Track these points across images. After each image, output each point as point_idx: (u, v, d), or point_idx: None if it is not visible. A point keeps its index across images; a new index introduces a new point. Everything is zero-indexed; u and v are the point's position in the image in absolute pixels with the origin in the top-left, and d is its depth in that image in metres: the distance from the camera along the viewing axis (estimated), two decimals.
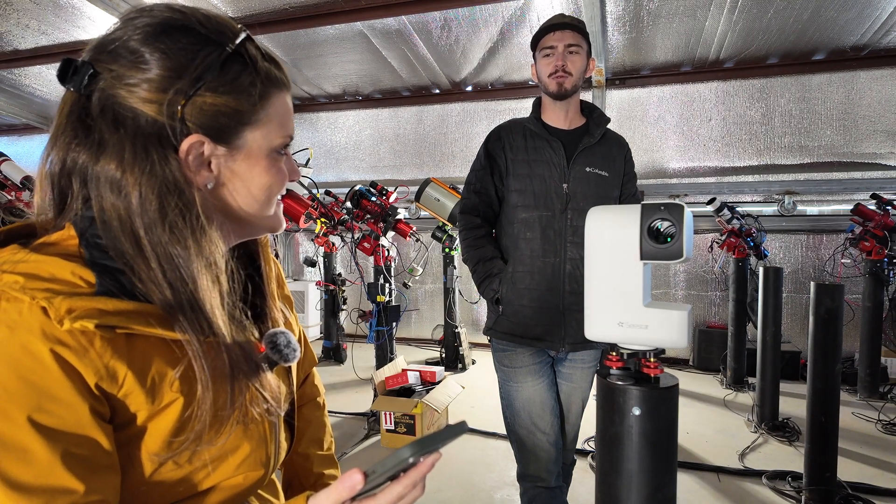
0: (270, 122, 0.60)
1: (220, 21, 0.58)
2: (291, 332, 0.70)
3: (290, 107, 0.63)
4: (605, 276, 0.94)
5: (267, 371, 0.65)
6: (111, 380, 0.51)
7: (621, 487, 0.93)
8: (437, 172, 5.35)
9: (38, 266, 0.50)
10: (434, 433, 0.50)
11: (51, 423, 0.48)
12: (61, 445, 0.48)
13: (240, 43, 0.57)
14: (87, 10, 3.85)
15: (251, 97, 0.58)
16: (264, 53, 0.60)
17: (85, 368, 0.49)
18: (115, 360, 0.51)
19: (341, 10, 3.83)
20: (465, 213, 1.74)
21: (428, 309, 5.55)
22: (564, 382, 1.72)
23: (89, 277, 0.52)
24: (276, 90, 0.61)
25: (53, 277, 0.50)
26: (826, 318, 2.23)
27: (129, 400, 0.53)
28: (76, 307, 0.48)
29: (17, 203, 3.07)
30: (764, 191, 4.65)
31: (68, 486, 0.48)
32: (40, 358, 0.48)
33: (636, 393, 0.90)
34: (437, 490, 2.47)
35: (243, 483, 0.64)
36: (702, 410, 3.51)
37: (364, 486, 0.51)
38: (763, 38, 4.11)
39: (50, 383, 0.48)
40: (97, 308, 0.49)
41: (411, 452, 0.48)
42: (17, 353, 0.47)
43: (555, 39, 1.60)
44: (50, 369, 0.48)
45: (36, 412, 0.47)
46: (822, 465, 2.24)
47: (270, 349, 0.66)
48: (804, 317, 4.49)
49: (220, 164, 0.58)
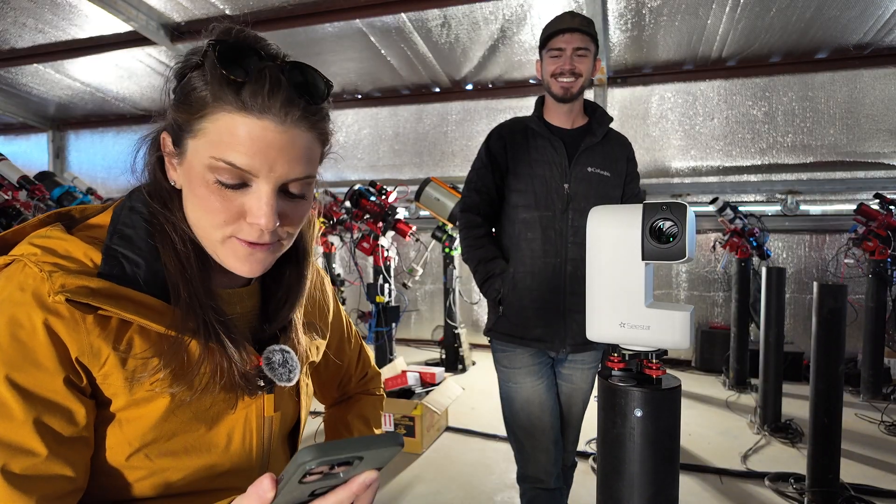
0: (205, 137, 0.56)
1: (219, 29, 0.58)
2: (296, 353, 0.69)
3: (244, 133, 0.54)
4: (607, 277, 0.93)
5: (262, 386, 0.65)
6: (93, 356, 0.54)
7: (623, 490, 0.92)
8: (437, 172, 5.34)
9: (57, 243, 0.56)
10: (350, 439, 0.45)
11: (28, 384, 0.52)
12: (35, 408, 0.51)
13: (204, 55, 0.56)
14: (84, 8, 3.84)
15: (193, 107, 0.56)
16: (225, 72, 0.54)
17: (71, 341, 0.53)
18: (101, 341, 0.55)
19: (340, 7, 3.82)
20: (465, 211, 1.72)
21: (428, 309, 5.54)
22: (565, 384, 1.70)
23: (98, 260, 0.57)
24: (224, 109, 0.55)
25: (68, 255, 0.55)
26: (829, 318, 2.21)
27: (108, 381, 0.56)
28: (68, 283, 0.52)
29: (13, 203, 3.05)
30: (767, 190, 4.63)
31: (32, 447, 0.51)
32: (33, 323, 0.52)
33: (638, 394, 0.89)
34: (437, 492, 2.45)
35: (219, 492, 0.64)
36: (704, 412, 3.49)
37: (277, 494, 0.45)
38: (766, 37, 4.09)
39: (35, 347, 0.52)
40: (85, 286, 0.53)
41: (312, 456, 0.42)
42: (17, 313, 0.52)
43: (563, 42, 1.57)
44: (38, 335, 0.52)
45: (16, 371, 0.51)
46: (825, 467, 2.22)
47: (266, 366, 0.65)
48: (807, 317, 4.47)
49: (177, 165, 0.61)
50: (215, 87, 0.55)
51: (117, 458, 0.58)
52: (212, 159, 0.55)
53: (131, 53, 4.59)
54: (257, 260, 0.61)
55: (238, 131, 0.54)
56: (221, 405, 0.63)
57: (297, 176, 0.58)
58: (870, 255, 3.69)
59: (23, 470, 0.50)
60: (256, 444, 0.67)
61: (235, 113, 0.54)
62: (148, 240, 0.59)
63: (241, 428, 0.65)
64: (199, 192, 0.57)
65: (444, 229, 4.14)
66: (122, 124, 6.40)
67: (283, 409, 0.71)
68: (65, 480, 0.53)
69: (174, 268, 0.59)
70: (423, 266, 4.69)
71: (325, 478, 0.46)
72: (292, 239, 0.64)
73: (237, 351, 0.61)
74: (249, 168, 0.55)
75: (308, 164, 0.59)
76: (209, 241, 0.60)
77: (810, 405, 2.26)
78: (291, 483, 0.44)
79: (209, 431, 0.62)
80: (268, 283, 0.72)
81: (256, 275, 0.62)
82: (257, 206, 0.57)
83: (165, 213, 0.61)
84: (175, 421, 0.59)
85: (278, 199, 0.58)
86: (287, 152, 0.56)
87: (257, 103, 0.54)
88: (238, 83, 0.54)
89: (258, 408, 0.66)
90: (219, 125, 0.55)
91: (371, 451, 0.45)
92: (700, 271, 4.78)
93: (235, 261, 0.60)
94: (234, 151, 0.55)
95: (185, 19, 4.14)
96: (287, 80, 0.56)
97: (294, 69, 0.57)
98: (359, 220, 3.35)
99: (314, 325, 0.79)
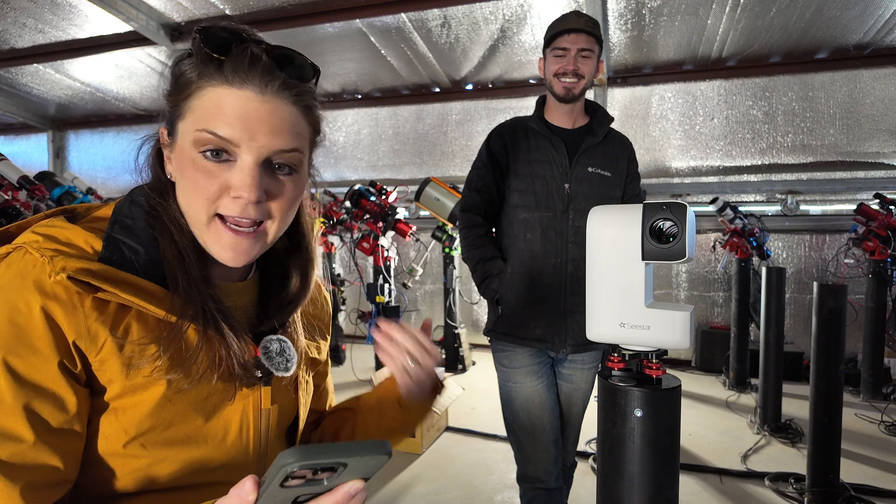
0: (192, 114, 0.58)
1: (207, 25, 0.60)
2: (294, 344, 0.69)
3: (226, 103, 0.56)
4: (607, 277, 0.93)
5: (259, 377, 0.65)
6: (91, 341, 0.54)
7: (623, 490, 0.92)
8: (437, 172, 5.34)
9: (59, 232, 0.57)
10: (335, 444, 0.43)
11: (21, 369, 0.52)
12: (25, 394, 0.51)
13: (192, 41, 0.58)
14: (84, 7, 3.84)
15: (181, 89, 0.58)
16: (209, 50, 0.56)
17: (68, 325, 0.53)
18: (99, 324, 0.54)
19: (340, 7, 3.82)
20: (465, 211, 1.71)
21: (428, 309, 5.53)
22: (564, 383, 1.70)
23: (98, 247, 0.57)
24: (210, 83, 0.57)
25: (69, 242, 0.56)
26: (829, 318, 2.21)
27: (105, 366, 0.55)
28: (68, 266, 0.53)
29: (13, 203, 3.05)
30: (767, 190, 4.63)
31: (19, 433, 0.51)
32: (31, 308, 0.52)
33: (638, 394, 0.89)
34: (437, 492, 2.45)
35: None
36: (704, 412, 3.48)
37: (259, 496, 0.44)
38: (766, 37, 4.09)
39: (31, 331, 0.52)
40: (84, 268, 0.53)
41: (294, 459, 0.40)
42: (17, 299, 0.52)
43: (568, 42, 1.57)
44: (35, 319, 0.52)
45: (11, 355, 0.51)
46: (825, 467, 2.22)
47: (263, 355, 0.65)
48: (807, 317, 4.47)
49: (170, 155, 0.62)
50: (200, 66, 0.57)
51: (112, 448, 0.57)
52: (196, 132, 0.57)
53: (131, 53, 4.59)
54: (242, 249, 0.61)
55: (221, 102, 0.56)
56: (219, 396, 0.62)
57: (281, 147, 0.59)
58: (870, 255, 3.69)
59: (9, 456, 0.50)
60: (253, 438, 0.66)
61: (219, 86, 0.57)
62: (148, 229, 0.60)
63: (237, 420, 0.64)
64: (187, 173, 0.59)
65: (444, 229, 4.14)
66: (122, 124, 6.39)
67: (281, 403, 0.70)
68: (51, 470, 0.52)
69: (172, 257, 0.60)
70: (423, 266, 4.69)
71: (309, 484, 0.44)
72: (278, 226, 0.63)
73: (235, 339, 0.61)
74: (231, 137, 0.56)
75: (292, 138, 0.59)
76: (197, 226, 0.61)
77: (810, 405, 2.26)
78: (273, 486, 0.42)
79: (206, 423, 0.61)
80: (271, 280, 0.72)
81: (241, 264, 0.62)
82: (240, 178, 0.57)
83: (163, 203, 0.62)
84: (171, 409, 0.58)
85: (263, 175, 0.58)
86: (267, 122, 0.57)
87: (238, 76, 0.56)
88: (221, 60, 0.56)
89: (255, 400, 0.66)
90: (204, 100, 0.57)
91: (356, 459, 0.43)
92: (700, 271, 4.78)
93: (220, 248, 0.60)
94: (216, 121, 0.56)
95: (185, 19, 4.14)
96: (268, 56, 0.58)
97: (278, 49, 0.59)
98: (359, 220, 3.35)
99: (315, 326, 0.79)
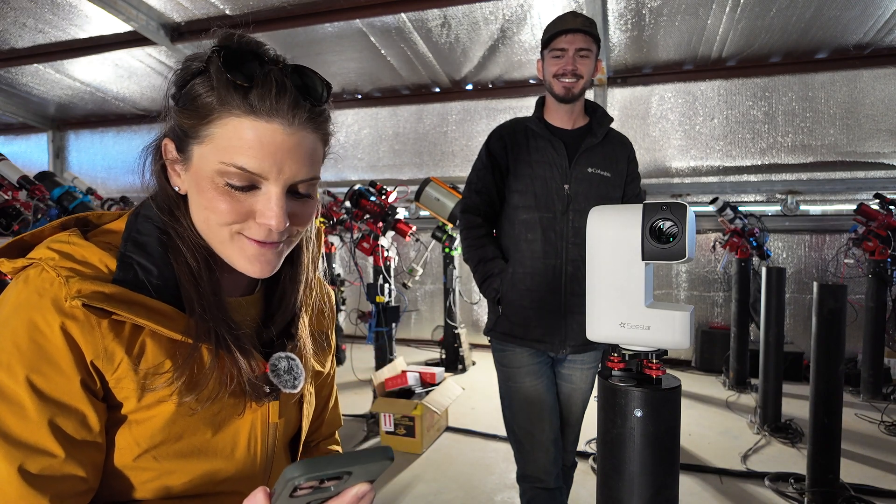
0: (213, 142, 0.57)
1: (221, 35, 0.58)
2: (302, 360, 0.69)
3: (253, 137, 0.55)
4: (607, 277, 0.93)
5: (268, 393, 0.65)
6: (107, 360, 0.55)
7: (623, 489, 0.91)
8: (437, 172, 5.34)
9: (75, 249, 0.57)
10: (338, 455, 0.45)
11: (44, 386, 0.53)
12: (50, 410, 0.53)
13: (208, 60, 0.57)
14: (84, 8, 3.84)
15: (199, 113, 0.57)
16: (231, 76, 0.55)
17: (86, 344, 0.54)
18: (116, 344, 0.55)
19: (340, 7, 3.82)
20: (466, 212, 1.72)
21: (428, 309, 5.53)
22: (564, 383, 1.70)
23: (113, 266, 0.58)
24: (231, 114, 0.55)
25: (84, 261, 0.57)
26: (829, 318, 2.21)
27: (121, 385, 0.57)
28: (84, 289, 0.53)
29: (13, 203, 3.04)
30: (767, 190, 4.63)
31: (50, 448, 0.52)
32: (51, 326, 0.53)
33: (638, 394, 0.89)
34: (437, 492, 2.45)
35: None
36: (704, 412, 3.48)
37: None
38: (766, 37, 4.09)
39: (52, 351, 0.53)
40: (100, 291, 0.54)
41: (300, 472, 0.43)
42: (36, 317, 0.53)
43: (566, 42, 1.57)
44: (55, 338, 0.53)
45: (34, 373, 0.52)
46: (825, 467, 2.22)
47: (271, 372, 0.66)
48: (807, 317, 4.47)
49: (181, 171, 0.62)
50: (222, 92, 0.55)
51: (125, 460, 0.59)
52: (221, 164, 0.56)
53: (131, 53, 4.59)
54: (267, 260, 0.62)
55: (247, 135, 0.55)
56: (229, 410, 0.63)
57: (305, 177, 0.59)
58: (870, 255, 3.69)
59: (40, 470, 0.52)
60: (261, 451, 0.67)
61: (244, 117, 0.55)
62: (159, 248, 0.60)
63: (246, 434, 0.65)
64: (207, 195, 0.58)
65: (444, 229, 4.14)
66: (122, 124, 6.40)
67: (287, 417, 0.71)
68: (78, 480, 0.54)
69: (188, 282, 0.60)
70: (423, 266, 4.69)
71: (316, 491, 0.47)
72: (300, 237, 0.65)
73: (246, 361, 0.62)
74: (259, 171, 0.56)
75: (313, 165, 0.61)
76: (217, 240, 0.61)
77: (810, 405, 2.26)
78: (283, 498, 0.45)
79: (215, 436, 0.62)
80: (275, 293, 0.72)
81: (266, 275, 0.63)
82: (267, 207, 0.58)
83: (174, 224, 0.62)
84: (183, 424, 0.60)
85: (287, 200, 0.59)
86: (295, 154, 0.57)
87: (265, 107, 0.55)
88: (245, 87, 0.55)
89: (263, 414, 0.67)
90: (227, 129, 0.56)
91: (360, 467, 0.46)
92: (700, 271, 4.78)
93: (245, 261, 0.61)
94: (243, 155, 0.55)
95: (185, 19, 4.14)
96: (291, 84, 0.57)
97: (295, 72, 0.58)
98: (359, 220, 3.35)
99: (320, 338, 0.79)
